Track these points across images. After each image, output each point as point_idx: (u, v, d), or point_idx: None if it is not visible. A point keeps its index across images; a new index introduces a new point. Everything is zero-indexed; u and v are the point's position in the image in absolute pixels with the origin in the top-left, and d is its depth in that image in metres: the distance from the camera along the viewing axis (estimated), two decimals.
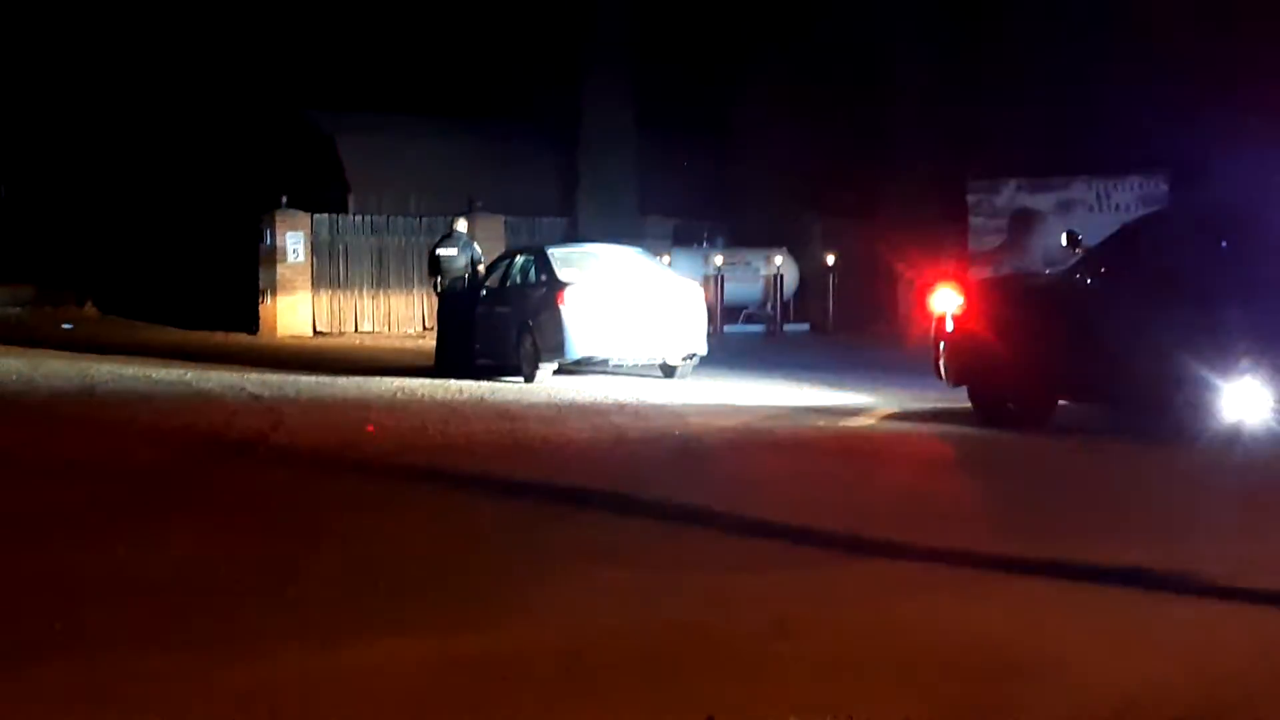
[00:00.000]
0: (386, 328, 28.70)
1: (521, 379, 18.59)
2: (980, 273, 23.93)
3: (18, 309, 32.88)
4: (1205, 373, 12.35)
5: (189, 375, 19.02)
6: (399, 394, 17.00)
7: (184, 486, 10.84)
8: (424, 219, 28.47)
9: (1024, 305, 14.22)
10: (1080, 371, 13.43)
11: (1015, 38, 28.16)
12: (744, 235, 30.44)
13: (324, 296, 28.34)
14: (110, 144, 35.63)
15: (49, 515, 9.56)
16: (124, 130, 35.55)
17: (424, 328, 27.81)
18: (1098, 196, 25.70)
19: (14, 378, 18.61)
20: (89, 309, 32.77)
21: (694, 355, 19.02)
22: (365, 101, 33.00)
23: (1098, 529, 9.10)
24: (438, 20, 34.97)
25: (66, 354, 21.94)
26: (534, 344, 18.63)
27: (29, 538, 8.84)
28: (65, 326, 28.88)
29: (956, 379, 14.52)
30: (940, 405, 15.15)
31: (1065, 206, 25.79)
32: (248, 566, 8.05)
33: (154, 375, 19.05)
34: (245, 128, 33.02)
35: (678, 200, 30.95)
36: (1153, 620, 6.89)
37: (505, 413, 15.10)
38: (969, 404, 14.37)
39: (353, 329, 28.44)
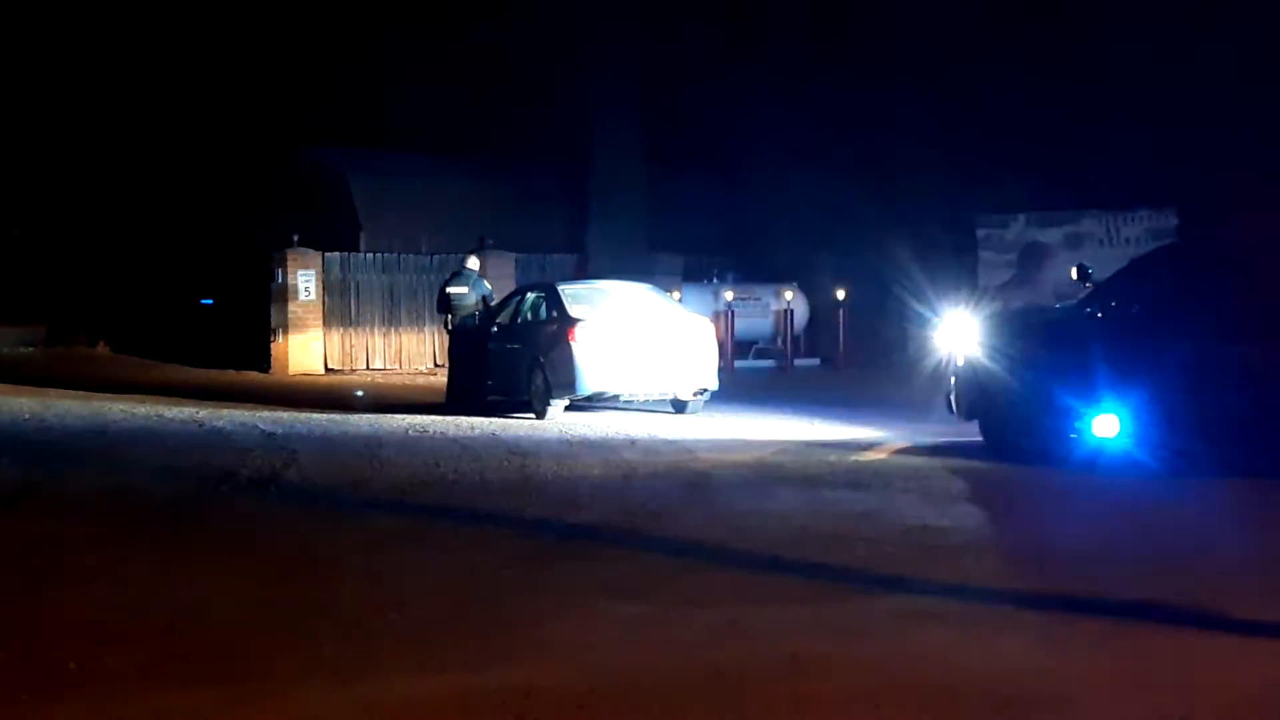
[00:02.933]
0: (398, 365, 28.73)
1: (533, 415, 18.60)
2: (990, 307, 23.92)
3: (30, 349, 32.95)
4: (1217, 408, 12.35)
5: (201, 414, 19.04)
6: (411, 431, 17.01)
7: (198, 525, 10.86)
8: (435, 257, 28.52)
9: (1035, 339, 14.22)
10: (1089, 405, 13.42)
11: (1024, 72, 28.24)
12: (754, 271, 30.46)
13: (335, 334, 28.40)
14: (123, 184, 35.77)
15: (62, 554, 9.59)
16: (136, 170, 35.71)
17: (435, 365, 27.84)
18: (1107, 230, 25.72)
19: (26, 417, 18.66)
20: (101, 348, 32.83)
21: (705, 390, 19.02)
22: (376, 141, 33.13)
23: (1110, 563, 9.10)
24: (449, 61, 35.14)
25: (79, 393, 21.98)
26: (545, 380, 18.64)
27: (42, 576, 8.86)
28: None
29: (968, 413, 14.51)
30: (952, 439, 15.14)
31: (1075, 240, 25.79)
32: (264, 605, 8.07)
33: (167, 414, 19.07)
34: (257, 167, 33.14)
35: (688, 236, 30.98)
36: (1167, 653, 6.89)
37: (517, 449, 15.11)
38: (980, 438, 14.37)
39: (364, 366, 28.48)
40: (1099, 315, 13.55)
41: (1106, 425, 13.16)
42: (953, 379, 14.65)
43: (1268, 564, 8.99)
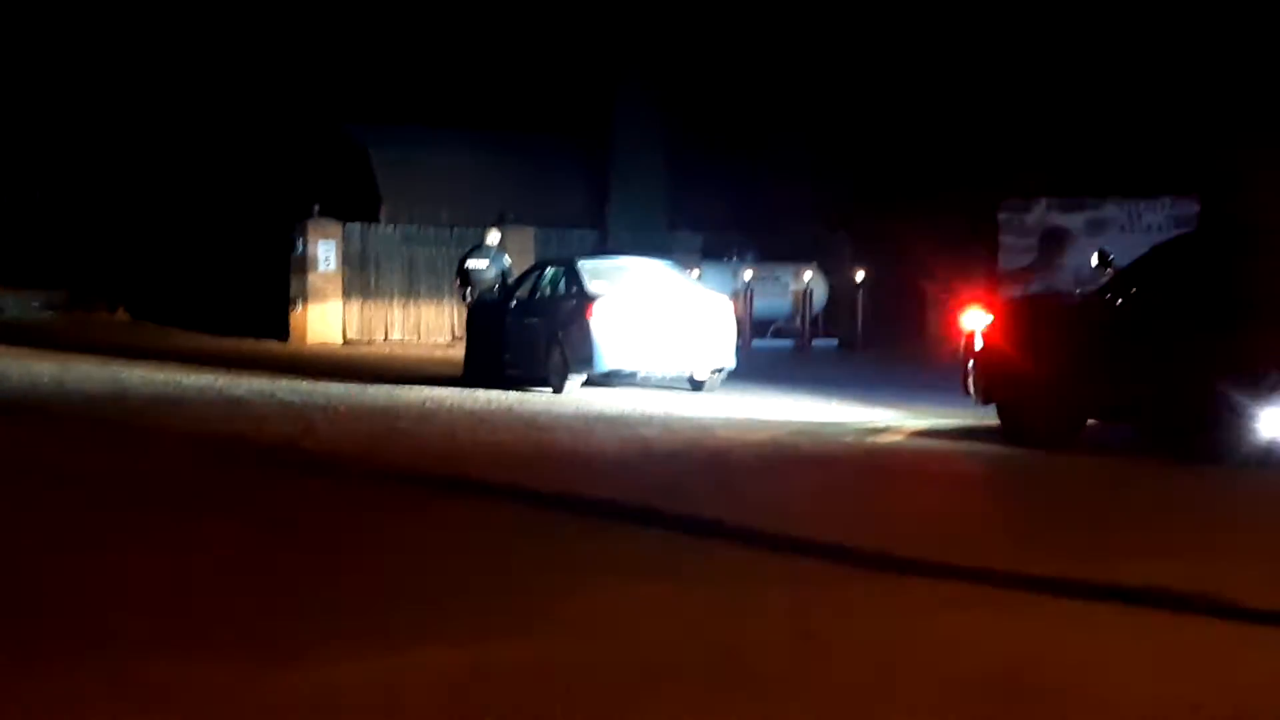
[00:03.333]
0: (416, 337, 28.75)
1: (550, 390, 18.60)
2: (1010, 291, 23.86)
3: (50, 313, 33.03)
4: (1234, 394, 12.32)
5: (220, 382, 19.08)
6: (428, 403, 17.02)
7: (214, 493, 10.88)
8: (455, 230, 28.52)
9: (1054, 324, 14.19)
10: (1109, 391, 13.40)
11: (1046, 55, 28.12)
12: (774, 250, 30.41)
13: (354, 305, 28.41)
14: (145, 151, 35.76)
15: (79, 521, 9.61)
16: (159, 138, 35.70)
17: (453, 337, 27.84)
18: (1129, 216, 25.60)
19: (46, 381, 18.71)
20: (121, 314, 32.90)
21: (722, 369, 19.02)
22: (398, 114, 33.08)
23: (1126, 548, 9.07)
24: (470, 34, 35.07)
25: (98, 359, 22.03)
26: (563, 356, 18.65)
27: (61, 543, 8.88)
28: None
29: (985, 397, 14.49)
30: (969, 423, 15.12)
31: (1096, 226, 25.68)
32: (277, 574, 8.08)
33: (185, 381, 19.11)
34: (280, 138, 33.13)
35: (708, 214, 30.94)
36: (1183, 639, 6.86)
37: (534, 423, 15.11)
38: (997, 422, 14.34)
39: (383, 338, 28.50)
40: (1119, 302, 13.50)
41: (1127, 411, 13.14)
42: (970, 362, 14.61)
43: (1274, 551, 8.97)
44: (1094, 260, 14.51)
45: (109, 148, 36.03)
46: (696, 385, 19.06)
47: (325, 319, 27.99)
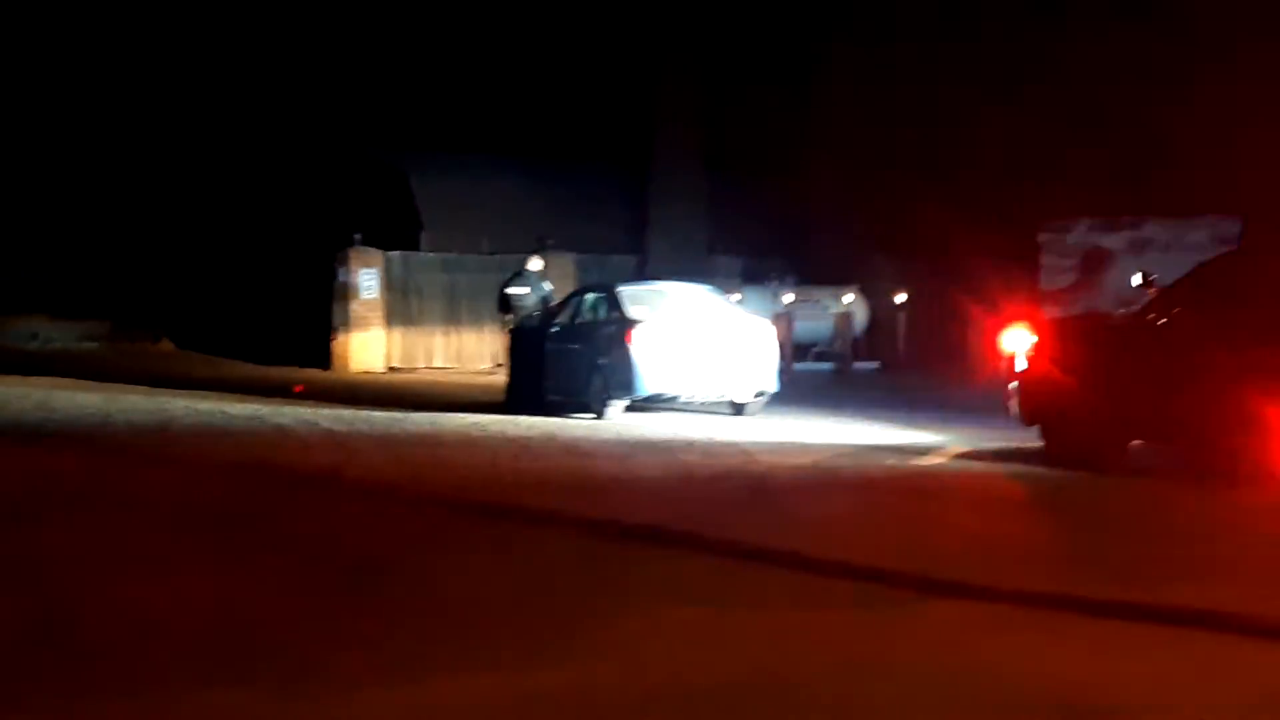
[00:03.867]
0: (458, 364, 28.82)
1: (592, 416, 18.60)
2: (1052, 312, 23.75)
3: (94, 344, 33.26)
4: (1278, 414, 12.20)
5: (264, 410, 19.15)
6: (471, 430, 17.04)
7: (258, 521, 10.89)
8: (496, 256, 28.59)
9: (1096, 345, 14.11)
10: (1153, 412, 13.30)
11: (1088, 75, 28.02)
12: (814, 273, 30.38)
13: (397, 332, 28.51)
14: (188, 181, 36.02)
15: (122, 549, 9.63)
16: (202, 168, 35.95)
17: (495, 364, 27.90)
18: (1171, 236, 25.45)
19: (91, 412, 18.81)
20: (165, 344, 33.11)
21: (764, 393, 18.98)
22: (439, 142, 33.25)
23: (1173, 570, 8.98)
24: (511, 61, 35.23)
25: (143, 389, 22.14)
26: (604, 381, 18.65)
27: (103, 571, 8.90)
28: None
29: (1028, 418, 14.40)
30: (1012, 445, 15.02)
31: (1137, 246, 25.54)
32: (320, 601, 8.08)
33: (229, 410, 19.19)
34: (321, 167, 33.32)
35: (747, 238, 30.95)
36: (1233, 660, 6.79)
37: (575, 449, 15.10)
38: (1041, 444, 14.25)
39: (425, 365, 28.58)
40: (1162, 322, 13.41)
41: (1169, 432, 13.04)
42: (1013, 384, 14.53)
43: None
44: (1136, 280, 14.42)
45: (152, 179, 36.30)
46: (738, 409, 19.02)
47: (368, 347, 28.09)
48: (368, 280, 28.08)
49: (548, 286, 21.56)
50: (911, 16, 30.46)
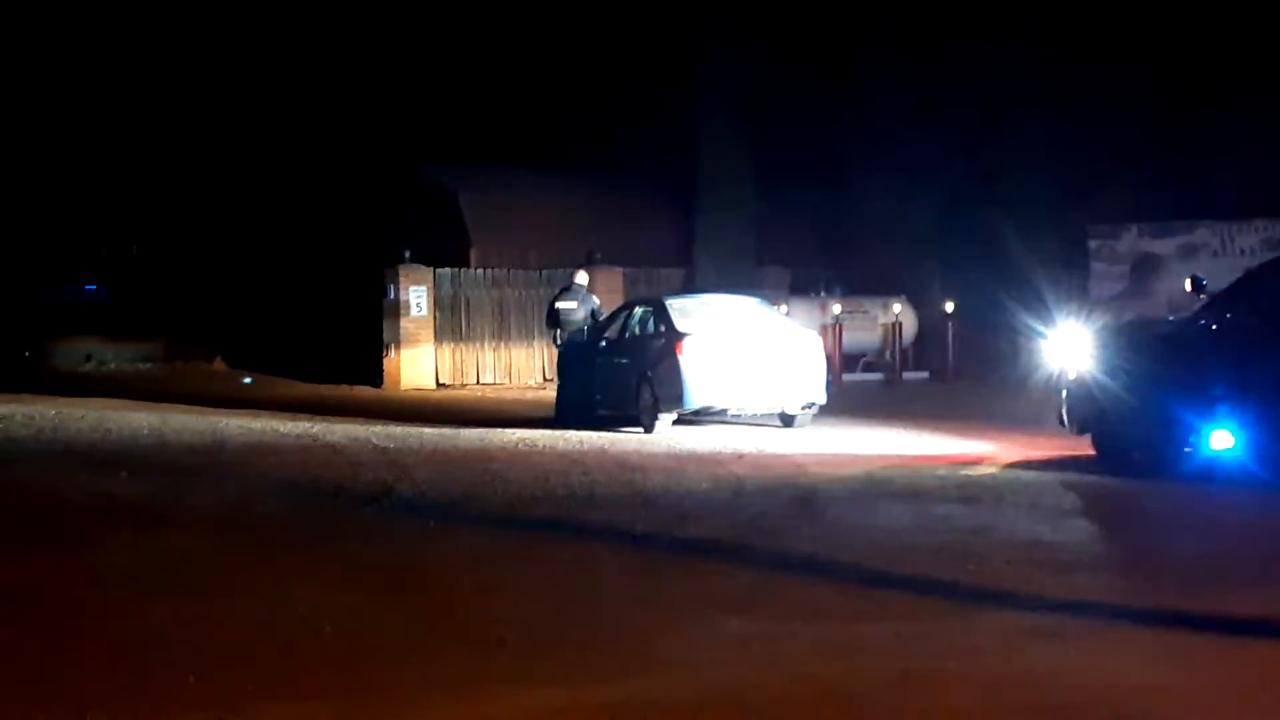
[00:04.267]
0: (508, 379, 28.89)
1: (641, 429, 18.61)
2: (1103, 319, 23.64)
3: (149, 364, 33.50)
4: None
5: (315, 428, 19.24)
6: (521, 445, 17.08)
7: (312, 540, 10.97)
8: (544, 271, 28.66)
9: (1148, 351, 14.02)
10: (1205, 417, 13.21)
11: (1136, 79, 27.88)
12: (862, 283, 30.30)
13: (446, 349, 28.61)
14: (239, 201, 36.29)
15: (179, 566, 9.73)
16: (252, 188, 36.21)
17: (544, 379, 27.96)
18: (1221, 241, 25.31)
19: (145, 432, 18.95)
20: (218, 364, 33.31)
21: (813, 404, 18.94)
22: (486, 157, 33.35)
23: (1227, 579, 8.93)
24: (556, 76, 35.34)
25: (196, 409, 22.29)
26: (653, 394, 18.65)
27: (160, 589, 8.99)
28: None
29: (1080, 427, 14.34)
30: (1064, 453, 14.96)
31: (1188, 251, 25.41)
32: (376, 620, 8.13)
33: (281, 429, 19.29)
34: (369, 184, 33.49)
35: (794, 249, 30.89)
36: None
37: (626, 463, 15.13)
38: (1093, 452, 14.18)
39: (475, 381, 28.65)
40: (1214, 327, 13.34)
41: (1222, 439, 12.96)
42: (1064, 392, 14.47)
43: None
44: (1187, 286, 14.34)
45: (202, 198, 36.58)
46: (787, 421, 18.99)
47: (418, 363, 28.20)
48: (417, 297, 28.20)
49: (596, 301, 21.59)
50: (959, 19, 30.37)
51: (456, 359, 28.69)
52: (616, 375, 19.53)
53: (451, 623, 8.00)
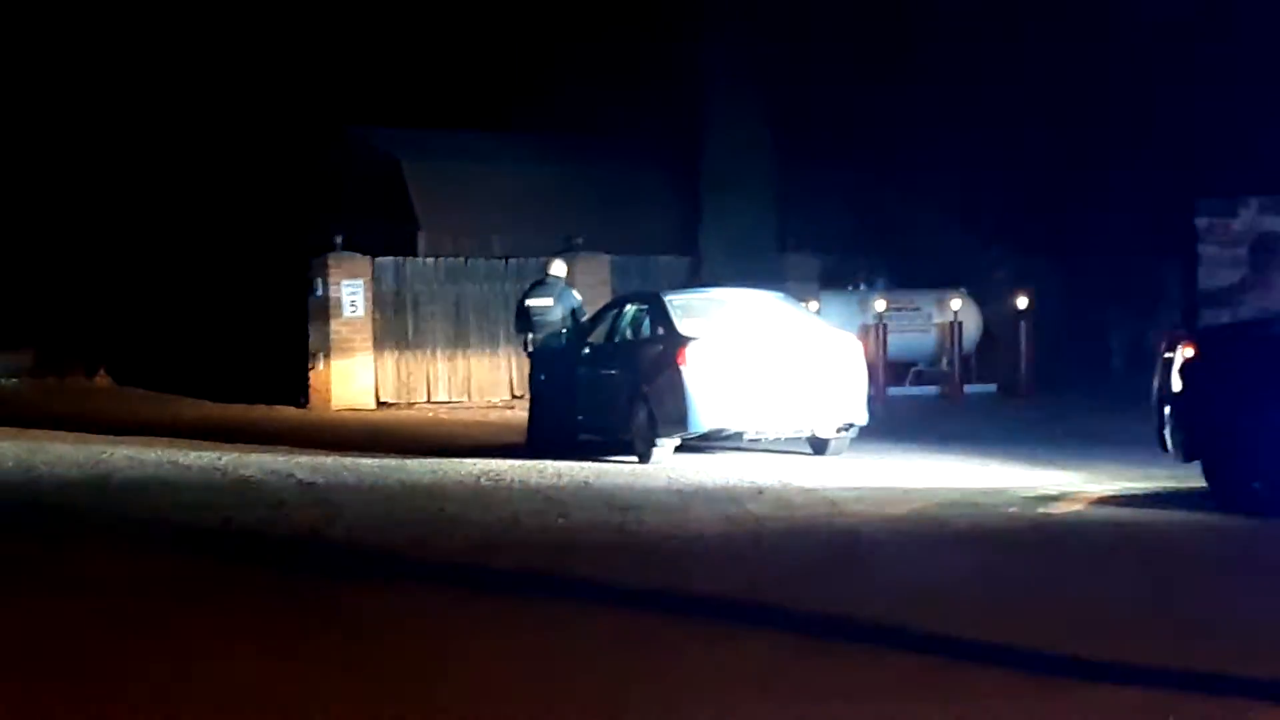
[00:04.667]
0: (466, 396, 28.87)
1: (634, 458, 18.62)
2: (1215, 317, 23.65)
3: (14, 380, 33.38)
4: None
5: (224, 459, 19.24)
6: (483, 480, 17.08)
7: (219, 601, 10.93)
8: (511, 261, 28.67)
9: (1273, 358, 14.03)
10: None
11: (1249, 27, 27.93)
12: (911, 274, 30.34)
13: (389, 359, 28.58)
14: (129, 180, 36.16)
15: (52, 641, 9.68)
16: (145, 162, 36.09)
17: (512, 396, 27.97)
18: None
19: (10, 465, 18.92)
20: (101, 378, 33.26)
21: (850, 425, 18.95)
22: (437, 118, 33.31)
23: None
24: (524, 19, 35.18)
25: (75, 435, 22.27)
26: (649, 415, 18.66)
27: (37, 670, 8.94)
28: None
29: (1187, 452, 14.33)
30: (1168, 485, 14.98)
31: None
32: (307, 702, 8.09)
33: (182, 460, 19.28)
34: (290, 153, 33.44)
35: (827, 233, 30.91)
36: None
37: (615, 501, 15.12)
38: (1204, 483, 14.18)
39: (425, 399, 28.63)
40: None
41: None
42: (1167, 409, 14.46)
43: None
44: None
45: (79, 178, 36.43)
46: (819, 447, 19.00)
47: (353, 377, 28.17)
48: (351, 294, 28.17)
49: (577, 297, 21.60)
50: None
51: (401, 371, 28.68)
52: (604, 391, 19.54)
53: (404, 703, 7.94)
